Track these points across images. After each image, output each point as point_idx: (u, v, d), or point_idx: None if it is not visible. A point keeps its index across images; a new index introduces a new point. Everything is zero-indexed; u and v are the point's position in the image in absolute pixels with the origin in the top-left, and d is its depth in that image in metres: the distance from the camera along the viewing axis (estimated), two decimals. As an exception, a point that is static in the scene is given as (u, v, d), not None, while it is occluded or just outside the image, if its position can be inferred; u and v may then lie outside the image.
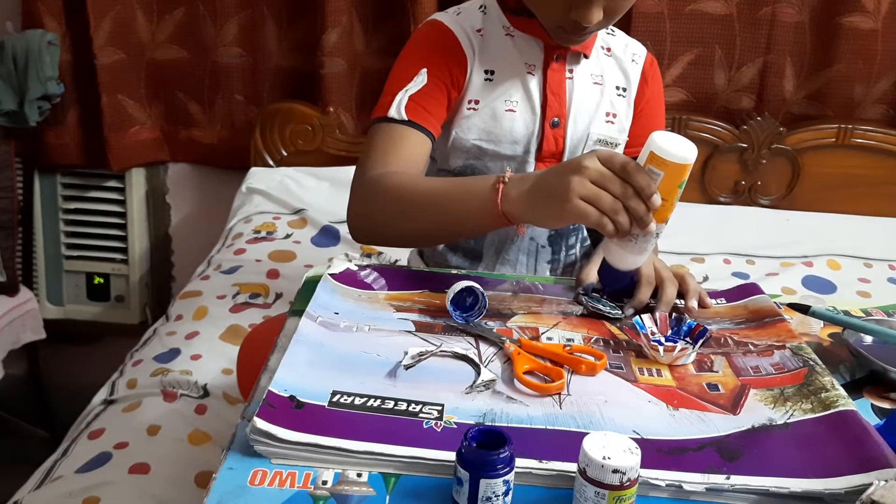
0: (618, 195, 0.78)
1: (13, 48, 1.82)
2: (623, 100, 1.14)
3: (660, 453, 0.65)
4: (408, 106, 1.02)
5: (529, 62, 1.08)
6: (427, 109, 1.04)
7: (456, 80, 1.06)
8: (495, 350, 0.80)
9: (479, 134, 1.08)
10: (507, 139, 1.08)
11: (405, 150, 1.02)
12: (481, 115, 1.07)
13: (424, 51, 1.08)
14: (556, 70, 1.08)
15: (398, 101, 1.03)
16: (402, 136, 1.02)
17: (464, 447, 0.58)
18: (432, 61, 1.05)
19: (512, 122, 1.07)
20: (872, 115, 1.97)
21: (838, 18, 1.87)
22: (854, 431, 0.67)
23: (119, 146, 2.06)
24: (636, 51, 1.16)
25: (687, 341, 0.82)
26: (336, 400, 0.69)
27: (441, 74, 1.05)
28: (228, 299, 1.58)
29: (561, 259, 1.17)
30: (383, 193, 0.97)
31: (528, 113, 1.08)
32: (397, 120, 1.02)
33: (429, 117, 1.04)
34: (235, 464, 0.62)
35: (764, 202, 1.98)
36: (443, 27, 1.08)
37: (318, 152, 2.02)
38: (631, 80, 1.14)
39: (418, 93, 1.03)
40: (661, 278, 0.92)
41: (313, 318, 0.82)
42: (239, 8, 2.00)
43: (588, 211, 0.78)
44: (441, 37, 1.07)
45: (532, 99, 1.08)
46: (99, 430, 1.21)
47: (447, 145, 1.10)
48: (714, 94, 1.97)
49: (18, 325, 1.92)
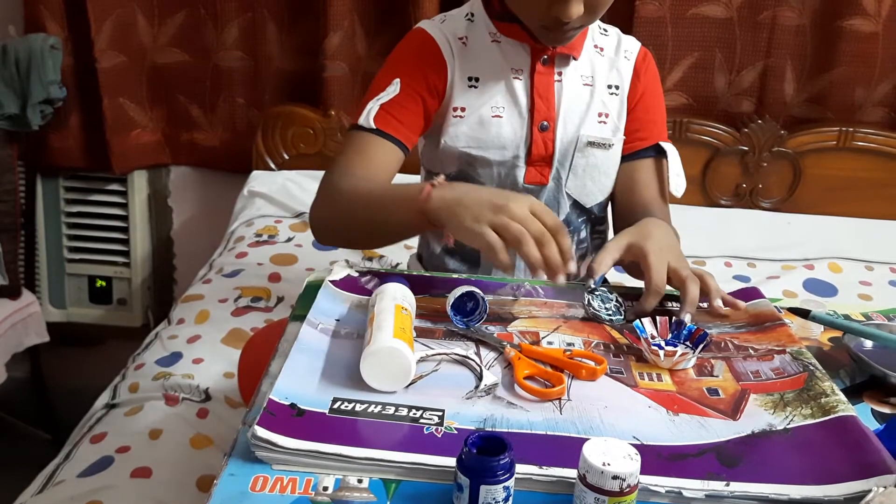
0: (535, 235, 0.82)
1: (15, 52, 1.83)
2: (616, 98, 1.14)
3: (660, 459, 0.65)
4: (377, 115, 1.05)
5: (516, 67, 1.09)
6: (398, 119, 1.06)
7: (434, 87, 1.08)
8: (496, 355, 0.80)
9: (466, 141, 1.09)
10: (495, 145, 1.08)
11: (370, 159, 1.05)
12: (468, 122, 1.08)
13: (402, 60, 1.10)
14: (543, 73, 1.09)
15: (367, 111, 1.06)
16: (368, 145, 1.05)
17: (464, 453, 0.58)
18: (408, 70, 1.07)
19: (499, 127, 1.08)
20: (873, 118, 1.97)
21: (839, 22, 1.87)
22: (854, 437, 0.67)
23: (121, 149, 2.06)
24: (628, 47, 1.16)
25: (687, 345, 0.82)
26: (337, 407, 0.69)
27: (416, 84, 1.07)
28: (230, 303, 1.58)
29: None
30: (336, 196, 1.03)
31: (516, 117, 1.08)
32: (366, 128, 1.05)
33: (399, 126, 1.06)
34: (237, 470, 0.62)
35: (765, 205, 1.98)
36: (424, 35, 1.10)
37: (319, 155, 2.02)
38: (623, 77, 1.14)
39: (389, 102, 1.06)
40: (681, 278, 0.91)
41: (314, 325, 0.82)
42: (240, 11, 2.00)
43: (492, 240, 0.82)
44: (421, 44, 1.09)
45: (519, 103, 1.08)
46: (101, 433, 1.21)
47: (437, 153, 1.11)
48: (714, 97, 1.97)
49: (21, 328, 1.92)
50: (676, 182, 1.13)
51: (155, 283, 2.30)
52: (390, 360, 0.72)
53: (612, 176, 1.16)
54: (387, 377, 0.72)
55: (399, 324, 0.76)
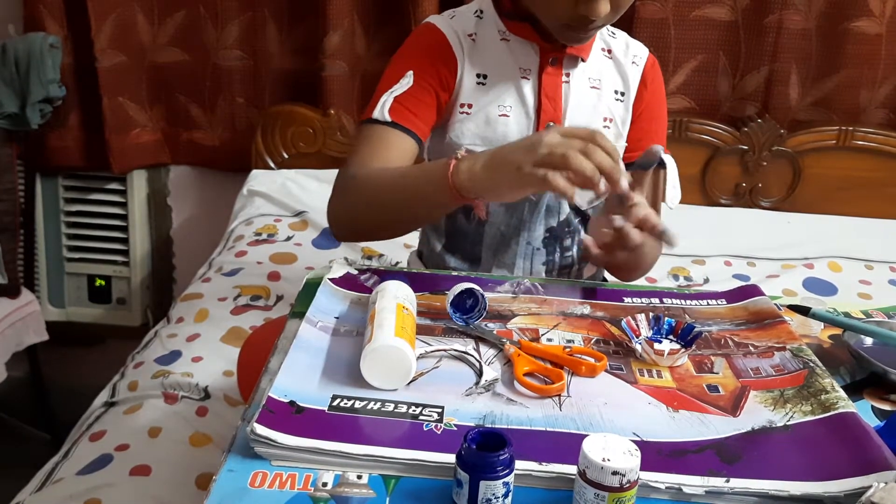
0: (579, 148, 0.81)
1: (15, 51, 1.83)
2: (621, 104, 1.13)
3: (660, 455, 0.65)
4: (392, 107, 1.04)
5: (524, 66, 1.08)
6: (412, 111, 1.05)
7: (445, 81, 1.07)
8: (495, 352, 0.80)
9: (472, 139, 1.08)
10: (501, 144, 1.07)
11: (387, 151, 1.03)
12: (475, 119, 1.08)
13: (414, 53, 1.09)
14: (551, 74, 1.08)
15: (382, 103, 1.04)
16: (385, 137, 1.04)
17: (464, 449, 0.58)
18: (420, 63, 1.06)
19: (506, 126, 1.07)
20: (876, 120, 1.96)
21: (846, 24, 1.86)
22: (854, 434, 0.67)
23: (120, 149, 2.06)
24: (637, 52, 1.15)
25: (671, 339, 0.82)
26: (336, 404, 0.69)
27: (428, 76, 1.06)
28: (229, 301, 1.58)
29: (556, 261, 1.16)
30: (359, 186, 1.00)
31: (522, 118, 1.08)
32: (381, 121, 1.04)
33: (413, 119, 1.05)
34: (236, 466, 0.62)
35: (765, 204, 1.99)
36: (434, 29, 1.09)
37: (319, 154, 2.02)
38: (630, 83, 1.14)
39: (403, 95, 1.04)
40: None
41: (313, 322, 0.82)
42: (240, 10, 2.00)
43: (543, 175, 0.81)
44: (432, 39, 1.08)
45: (526, 103, 1.08)
46: (100, 432, 1.21)
47: (442, 149, 1.11)
48: (717, 101, 1.96)
49: (21, 327, 1.92)
50: (672, 194, 1.13)
51: (154, 282, 2.30)
52: (391, 359, 0.71)
53: None
54: (387, 375, 0.72)
55: (400, 323, 0.75)
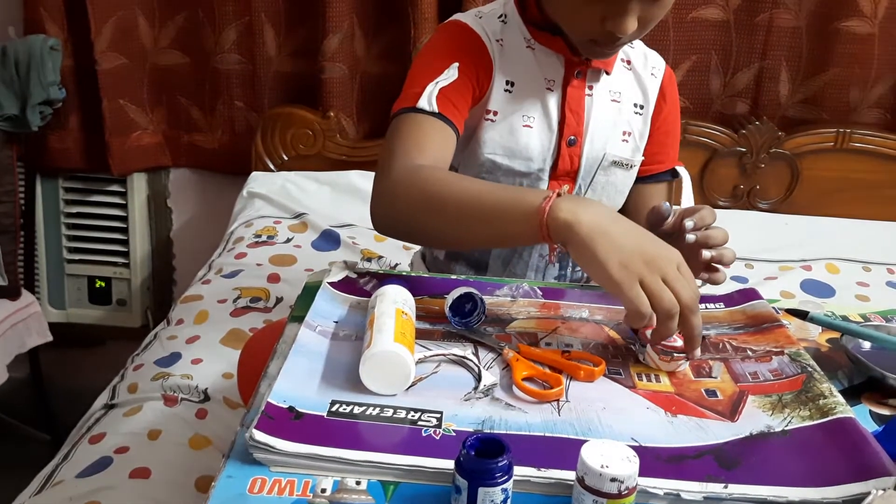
0: (684, 300, 0.74)
1: (15, 53, 1.83)
2: (639, 118, 1.12)
3: (658, 461, 0.65)
4: (438, 98, 0.97)
5: (549, 77, 1.05)
6: (454, 105, 0.99)
7: (482, 81, 1.03)
8: (494, 356, 0.80)
9: (493, 148, 1.05)
10: (522, 155, 1.05)
11: (435, 144, 0.96)
12: (498, 128, 1.05)
13: (453, 47, 1.03)
14: (575, 87, 1.06)
15: (429, 93, 0.97)
16: (432, 129, 0.97)
17: (462, 456, 0.58)
18: (462, 58, 1.01)
19: (528, 137, 1.05)
20: (868, 119, 1.97)
21: (836, 23, 1.88)
22: (852, 439, 0.67)
23: (121, 151, 2.07)
24: (655, 63, 1.13)
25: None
26: (335, 409, 0.69)
27: (469, 72, 1.01)
28: (229, 303, 1.58)
29: (567, 275, 1.16)
30: (419, 187, 0.89)
31: (545, 130, 1.05)
32: (427, 111, 0.96)
33: (455, 113, 0.99)
34: (235, 472, 0.62)
35: (763, 206, 1.99)
36: (468, 29, 1.04)
37: (318, 157, 2.03)
38: (649, 97, 1.12)
39: (449, 87, 0.98)
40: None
41: (312, 327, 0.82)
42: (236, 15, 2.00)
43: (642, 304, 0.73)
44: (467, 37, 1.04)
45: (550, 116, 1.05)
46: (100, 434, 1.21)
47: (460, 154, 1.07)
48: (709, 99, 1.98)
49: (23, 328, 1.92)
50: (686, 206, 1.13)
51: (154, 283, 2.30)
52: (390, 364, 0.71)
53: (625, 194, 1.14)
54: (386, 381, 0.72)
55: (399, 328, 0.75)
